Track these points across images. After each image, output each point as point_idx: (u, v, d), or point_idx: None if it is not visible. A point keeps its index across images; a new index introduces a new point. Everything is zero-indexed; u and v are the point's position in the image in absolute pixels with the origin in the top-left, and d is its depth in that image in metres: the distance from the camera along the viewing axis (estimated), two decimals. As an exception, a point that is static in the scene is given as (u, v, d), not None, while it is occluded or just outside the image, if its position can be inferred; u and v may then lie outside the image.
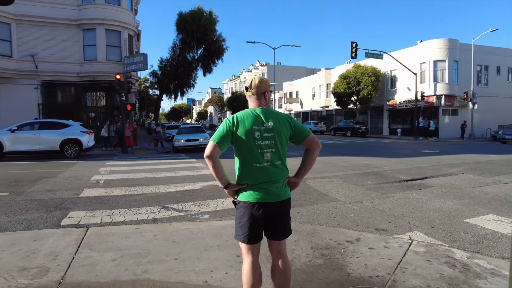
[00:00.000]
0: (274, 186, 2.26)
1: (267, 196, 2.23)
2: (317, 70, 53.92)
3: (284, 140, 2.29)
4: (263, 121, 2.24)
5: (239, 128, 2.21)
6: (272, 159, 2.24)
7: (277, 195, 2.26)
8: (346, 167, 10.63)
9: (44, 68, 19.61)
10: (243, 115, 2.25)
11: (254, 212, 2.23)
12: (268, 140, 2.23)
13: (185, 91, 31.35)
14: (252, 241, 2.27)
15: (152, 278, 3.23)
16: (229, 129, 2.22)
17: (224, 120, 2.30)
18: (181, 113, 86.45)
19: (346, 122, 33.21)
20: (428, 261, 3.64)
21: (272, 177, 2.25)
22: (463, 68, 28.45)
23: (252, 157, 2.22)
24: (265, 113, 2.27)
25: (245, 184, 2.27)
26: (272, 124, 2.24)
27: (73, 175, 9.47)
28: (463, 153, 15.01)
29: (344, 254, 3.82)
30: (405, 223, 5.00)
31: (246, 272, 2.27)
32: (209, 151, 2.19)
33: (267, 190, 2.23)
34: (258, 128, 2.22)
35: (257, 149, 2.21)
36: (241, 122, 2.22)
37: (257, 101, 2.33)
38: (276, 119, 2.27)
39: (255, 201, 2.23)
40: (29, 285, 3.07)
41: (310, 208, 5.81)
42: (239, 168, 2.29)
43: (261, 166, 2.22)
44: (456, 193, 6.82)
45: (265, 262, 3.33)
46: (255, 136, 2.20)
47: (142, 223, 5.05)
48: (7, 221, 5.10)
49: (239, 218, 2.30)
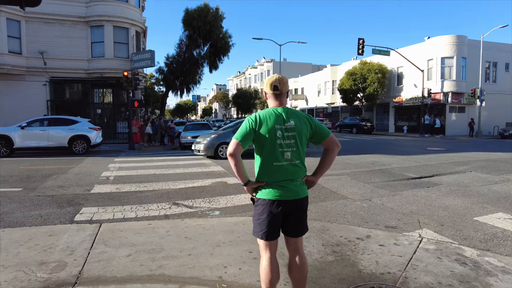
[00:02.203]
0: (292, 184, 2.29)
1: (286, 194, 2.26)
2: (323, 66, 53.72)
3: (304, 139, 2.32)
4: (285, 120, 2.26)
5: (262, 127, 2.22)
6: (292, 158, 2.27)
7: (295, 193, 2.29)
8: (353, 164, 10.64)
9: (52, 65, 19.80)
10: (266, 114, 2.27)
11: (273, 209, 2.26)
12: (289, 139, 2.25)
13: (191, 88, 31.42)
14: (271, 238, 2.31)
15: (167, 274, 3.30)
16: (252, 128, 2.23)
17: (246, 118, 2.31)
18: (186, 110, 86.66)
19: (352, 119, 33.12)
20: (438, 258, 3.67)
21: (291, 175, 2.28)
22: (471, 65, 28.17)
23: (273, 156, 2.24)
24: (287, 112, 2.29)
25: (265, 182, 2.28)
26: (294, 124, 2.27)
27: (83, 171, 9.60)
28: (471, 151, 14.92)
29: (355, 251, 3.87)
30: (414, 220, 5.03)
31: (265, 268, 2.31)
32: (233, 149, 2.20)
33: (286, 188, 2.26)
34: (280, 127, 2.24)
35: (278, 148, 2.23)
36: (264, 121, 2.24)
37: (280, 101, 2.35)
38: (297, 118, 2.30)
39: (274, 199, 2.25)
40: (48, 279, 3.15)
41: (319, 206, 5.85)
42: (259, 166, 2.31)
43: (281, 165, 2.25)
44: (465, 191, 6.81)
45: (278, 258, 3.38)
46: (277, 135, 2.22)
47: (154, 219, 5.13)
48: (22, 216, 5.21)
49: (257, 215, 2.33)
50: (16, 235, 4.30)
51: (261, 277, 2.35)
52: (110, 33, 20.48)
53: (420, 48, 30.18)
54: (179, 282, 3.13)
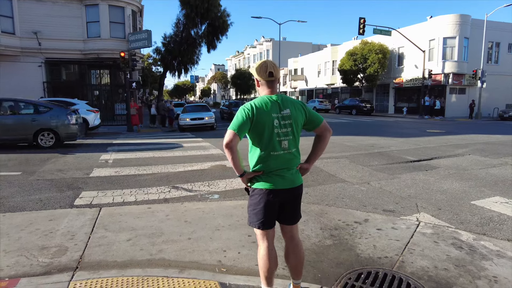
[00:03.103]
0: (289, 173, 2.27)
1: (283, 182, 2.25)
2: (323, 46, 52.87)
3: (299, 127, 2.30)
4: (281, 108, 2.21)
5: (259, 116, 2.15)
6: (289, 147, 2.25)
7: (292, 181, 2.28)
8: (352, 147, 10.64)
9: (47, 45, 19.42)
10: (262, 102, 2.19)
11: (270, 198, 2.24)
12: (285, 127, 2.22)
13: (189, 68, 30.97)
14: (268, 227, 2.31)
15: (168, 258, 3.34)
16: (248, 117, 2.14)
17: (241, 107, 2.22)
18: (184, 91, 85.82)
19: (352, 100, 32.90)
20: (435, 242, 3.72)
21: (288, 164, 2.27)
22: (473, 45, 27.75)
23: (270, 146, 2.20)
24: (282, 99, 2.24)
25: (261, 171, 2.25)
26: (290, 111, 2.23)
27: (82, 154, 9.59)
28: (470, 133, 14.93)
29: (353, 235, 3.91)
30: (412, 204, 5.07)
31: (263, 257, 2.32)
32: (229, 140, 2.13)
33: (283, 177, 2.25)
34: (276, 116, 2.19)
35: (275, 137, 2.19)
36: (260, 109, 2.17)
37: (274, 87, 2.28)
38: (292, 106, 2.26)
39: (271, 188, 2.23)
40: (50, 263, 3.19)
41: (317, 189, 5.88)
42: (256, 156, 2.25)
43: (278, 154, 2.22)
44: (463, 175, 6.85)
45: (276, 242, 3.42)
46: (274, 124, 2.18)
47: (154, 203, 5.16)
48: (22, 200, 5.24)
49: (253, 204, 2.30)
50: (17, 219, 4.33)
51: (260, 266, 2.37)
52: (105, 12, 19.98)
53: (422, 28, 29.62)
54: (179, 266, 3.17)
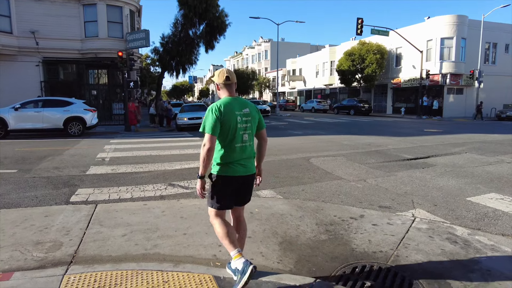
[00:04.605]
0: (248, 162, 2.68)
1: (244, 170, 2.64)
2: (321, 47, 53.02)
3: (255, 123, 2.71)
4: (242, 107, 2.62)
5: (226, 115, 2.51)
6: (249, 139, 2.65)
7: (250, 169, 2.70)
8: (349, 145, 10.66)
9: (45, 45, 19.34)
10: (225, 103, 2.56)
11: (234, 184, 2.63)
12: (246, 123, 2.61)
13: (187, 68, 30.86)
14: (229, 208, 2.74)
15: (162, 253, 3.34)
16: (218, 118, 2.49)
17: (208, 110, 2.53)
18: (182, 91, 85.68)
19: (350, 101, 32.94)
20: (430, 237, 3.73)
21: (247, 154, 2.66)
22: (470, 45, 27.85)
23: (235, 138, 2.56)
24: (240, 101, 2.65)
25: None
26: (249, 110, 2.64)
27: (79, 152, 9.57)
28: (467, 133, 14.97)
29: (348, 230, 3.92)
30: (408, 201, 5.08)
31: (221, 226, 2.66)
32: (211, 144, 2.47)
33: (244, 166, 2.64)
34: (239, 113, 2.58)
35: (239, 132, 2.57)
36: (226, 109, 2.52)
37: (232, 90, 2.67)
38: (250, 106, 2.68)
39: (236, 175, 2.60)
40: (44, 258, 3.18)
41: (314, 186, 5.89)
42: (223, 148, 2.58)
43: (241, 146, 2.60)
44: (459, 172, 6.87)
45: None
46: (237, 120, 2.56)
47: (150, 199, 5.16)
48: (17, 197, 5.22)
49: (218, 190, 2.63)
50: (12, 216, 4.31)
51: (221, 236, 2.66)
52: (103, 11, 19.93)
53: (419, 29, 29.72)
54: (174, 261, 3.17)
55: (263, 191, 5.60)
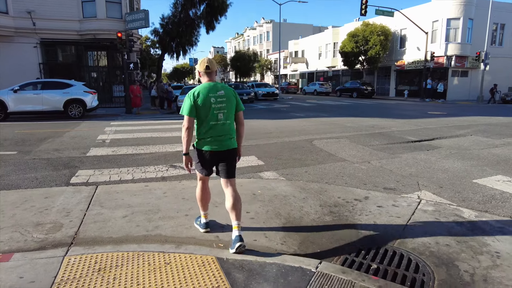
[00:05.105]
0: (225, 138, 2.99)
1: (220, 146, 2.98)
2: (324, 28, 51.95)
3: (232, 105, 3.02)
4: (217, 90, 2.95)
5: (200, 98, 2.90)
6: (224, 118, 2.96)
7: (227, 145, 3.01)
8: (353, 127, 10.52)
9: (42, 25, 18.93)
10: (201, 88, 2.94)
11: (209, 157, 3.02)
12: (221, 104, 2.94)
13: (188, 50, 30.48)
14: (208, 175, 3.17)
15: (164, 234, 3.28)
16: (192, 101, 2.89)
17: (187, 95, 2.96)
18: (183, 74, 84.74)
19: (352, 83, 32.49)
20: (436, 219, 3.66)
21: (223, 132, 2.98)
22: (477, 27, 27.15)
23: (209, 117, 2.92)
24: (216, 85, 2.98)
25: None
26: (224, 92, 2.96)
27: (79, 134, 9.47)
28: (472, 115, 14.77)
29: (352, 212, 3.85)
30: (414, 182, 5.00)
31: (200, 190, 3.25)
32: (188, 123, 2.92)
33: (220, 142, 2.98)
34: (213, 95, 2.92)
35: (213, 111, 2.92)
36: (201, 93, 2.91)
37: (211, 77, 3.03)
38: (226, 89, 3.01)
39: (212, 150, 2.97)
40: (44, 239, 3.13)
41: (317, 168, 5.81)
42: (200, 126, 2.97)
43: (216, 124, 2.94)
44: (465, 154, 6.76)
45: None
46: (211, 101, 2.91)
47: (151, 181, 5.09)
48: (17, 178, 5.16)
49: (199, 161, 3.08)
50: (12, 197, 4.26)
51: (197, 197, 3.29)
52: (101, -10, 19.41)
53: (425, 9, 28.92)
54: (175, 242, 3.11)
55: (266, 172, 5.52)
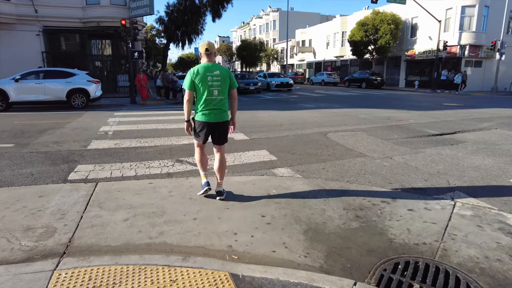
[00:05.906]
0: (218, 111, 3.58)
1: (215, 117, 3.58)
2: (332, 17, 50.75)
3: (226, 83, 3.58)
4: (213, 70, 3.50)
5: (198, 75, 3.47)
6: (219, 94, 3.55)
7: (220, 117, 3.61)
8: (367, 119, 10.00)
9: (44, 12, 18.46)
10: (200, 67, 3.51)
11: (205, 126, 3.62)
12: (216, 81, 3.51)
13: (193, 39, 29.86)
14: (204, 142, 3.74)
15: (169, 242, 2.88)
16: (192, 77, 3.49)
17: (188, 72, 3.54)
18: (188, 63, 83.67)
19: (361, 73, 31.66)
20: (479, 226, 3.21)
21: (217, 105, 3.57)
22: (493, 14, 26.09)
23: (206, 92, 3.50)
24: (213, 65, 3.54)
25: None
26: (219, 72, 3.52)
27: (81, 126, 9.09)
28: (490, 107, 14.11)
29: (381, 217, 3.41)
30: (443, 181, 4.53)
31: (199, 154, 3.81)
32: (188, 96, 3.57)
33: (215, 114, 3.57)
34: (209, 74, 3.48)
35: (209, 87, 3.49)
36: (199, 71, 3.48)
37: (210, 58, 3.57)
38: (221, 69, 3.57)
39: (206, 121, 3.58)
40: (34, 248, 2.75)
41: (335, 164, 5.35)
42: (198, 99, 3.57)
43: (211, 98, 3.53)
44: (494, 150, 6.25)
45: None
46: (207, 79, 3.48)
47: (156, 177, 4.69)
48: (11, 174, 4.78)
49: (197, 129, 3.67)
50: (3, 195, 3.89)
51: (196, 160, 3.87)
52: (104, -24, 18.83)
53: (439, -4, 27.87)
54: (182, 252, 2.71)
55: (280, 169, 5.08)
